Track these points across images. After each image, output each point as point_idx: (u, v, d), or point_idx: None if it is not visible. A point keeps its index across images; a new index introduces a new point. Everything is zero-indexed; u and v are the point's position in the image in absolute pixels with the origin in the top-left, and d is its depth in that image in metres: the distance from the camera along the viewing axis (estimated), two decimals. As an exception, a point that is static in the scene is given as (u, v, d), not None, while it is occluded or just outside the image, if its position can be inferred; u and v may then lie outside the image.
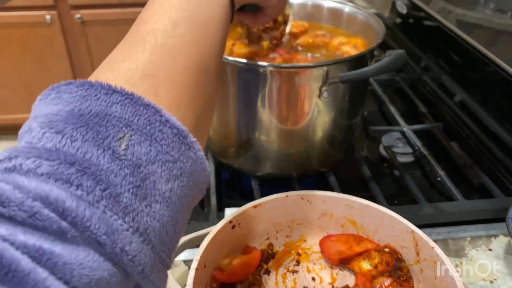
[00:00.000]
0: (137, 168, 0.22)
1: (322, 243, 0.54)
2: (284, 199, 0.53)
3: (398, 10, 1.15)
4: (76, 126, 0.22)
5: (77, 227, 0.20)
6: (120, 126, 0.23)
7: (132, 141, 0.23)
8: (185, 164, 0.25)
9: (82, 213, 0.20)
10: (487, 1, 0.73)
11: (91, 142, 0.22)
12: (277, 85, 0.56)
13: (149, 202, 0.23)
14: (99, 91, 0.23)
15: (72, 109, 0.23)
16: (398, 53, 0.51)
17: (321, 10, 0.75)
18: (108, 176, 0.21)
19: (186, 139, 0.25)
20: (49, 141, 0.22)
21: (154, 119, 0.24)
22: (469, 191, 0.67)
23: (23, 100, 2.07)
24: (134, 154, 0.23)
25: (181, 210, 0.25)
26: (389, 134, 0.78)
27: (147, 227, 0.22)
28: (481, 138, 0.78)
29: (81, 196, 0.20)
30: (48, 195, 0.19)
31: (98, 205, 0.21)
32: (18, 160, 0.20)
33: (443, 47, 0.98)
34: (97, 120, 0.22)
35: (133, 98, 0.24)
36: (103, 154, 0.22)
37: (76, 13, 1.85)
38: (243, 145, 0.64)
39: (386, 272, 0.49)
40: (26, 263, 0.18)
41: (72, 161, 0.21)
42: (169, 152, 0.24)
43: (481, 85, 0.86)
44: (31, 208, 0.19)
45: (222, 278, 0.48)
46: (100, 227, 0.20)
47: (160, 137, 0.24)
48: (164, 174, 0.23)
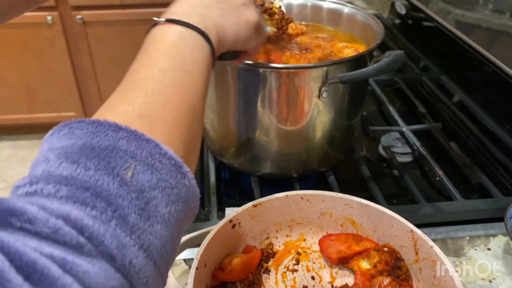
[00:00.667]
0: (142, 193, 0.26)
1: (322, 243, 0.54)
2: (284, 199, 0.53)
3: (397, 10, 1.16)
4: (89, 158, 0.25)
5: (93, 241, 0.23)
6: (126, 157, 0.26)
7: (137, 170, 0.26)
8: (181, 191, 0.28)
9: (97, 230, 0.23)
10: (486, 1, 0.73)
11: (102, 171, 0.25)
12: (277, 86, 0.56)
13: (152, 223, 0.26)
14: (107, 128, 0.27)
15: (85, 143, 0.26)
16: (397, 54, 0.51)
17: (320, 11, 0.75)
18: (118, 199, 0.25)
19: (182, 168, 0.29)
20: (66, 170, 0.25)
21: (154, 151, 0.27)
22: (468, 191, 0.68)
23: (24, 100, 2.08)
24: (139, 181, 0.26)
25: (177, 232, 0.29)
26: (388, 134, 0.78)
27: (150, 244, 0.26)
28: (480, 138, 0.78)
29: (96, 215, 0.24)
30: (68, 214, 0.23)
31: (110, 224, 0.24)
32: (39, 185, 0.24)
33: (442, 47, 0.98)
34: (107, 153, 0.26)
35: (136, 134, 0.27)
36: (113, 181, 0.25)
37: (77, 14, 1.86)
38: (243, 145, 0.64)
39: (385, 271, 0.49)
40: (56, 269, 0.20)
41: (87, 187, 0.24)
42: (168, 180, 0.28)
43: (480, 86, 0.86)
44: (54, 225, 0.22)
45: (223, 277, 0.48)
46: (112, 242, 0.23)
47: (160, 167, 0.27)
48: (163, 199, 0.27)
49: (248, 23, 0.44)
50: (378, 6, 1.34)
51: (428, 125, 0.82)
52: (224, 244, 0.50)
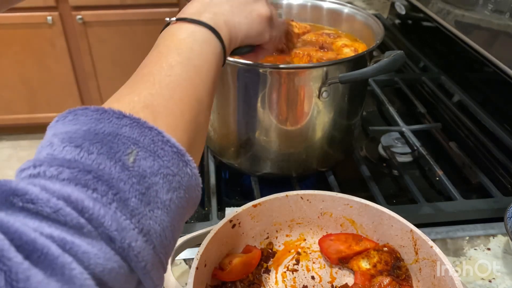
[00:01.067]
0: (143, 178, 0.26)
1: (322, 242, 0.54)
2: (284, 199, 0.53)
3: (397, 11, 1.16)
4: (92, 142, 0.26)
5: (93, 223, 0.23)
6: (129, 143, 0.27)
7: (138, 156, 0.27)
8: (183, 179, 0.29)
9: (98, 212, 0.23)
10: (486, 2, 0.73)
11: (105, 155, 0.26)
12: (277, 86, 0.56)
13: (152, 208, 0.26)
14: (111, 115, 0.28)
15: (89, 128, 0.27)
16: (397, 54, 0.51)
17: (320, 11, 0.75)
18: (119, 183, 0.25)
19: (184, 157, 0.29)
20: (69, 153, 0.25)
21: (157, 139, 0.28)
22: (467, 191, 0.68)
23: (24, 100, 2.08)
24: (140, 167, 0.26)
25: (178, 219, 0.29)
26: (388, 134, 0.78)
27: (150, 229, 0.26)
28: (479, 138, 0.78)
29: (97, 198, 0.24)
30: (69, 195, 0.23)
31: (110, 206, 0.24)
32: (42, 167, 0.24)
33: (442, 47, 0.98)
34: (110, 138, 0.26)
35: (139, 122, 0.28)
36: (114, 166, 0.25)
37: (77, 14, 1.86)
38: (243, 145, 0.64)
39: (385, 271, 0.49)
40: (55, 248, 0.21)
41: (89, 170, 0.25)
42: (170, 167, 0.28)
43: (479, 86, 0.87)
44: (55, 205, 0.22)
45: (223, 277, 0.48)
46: (112, 225, 0.24)
47: (162, 154, 0.28)
48: (165, 185, 0.27)
49: (259, 17, 0.44)
50: (378, 6, 1.34)
51: (428, 125, 0.82)
52: (224, 244, 0.50)
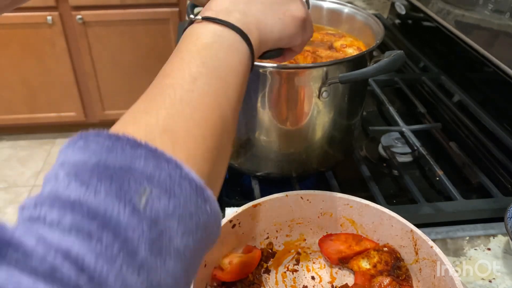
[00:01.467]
0: (154, 224, 0.23)
1: (322, 242, 0.54)
2: (284, 199, 0.53)
3: (397, 11, 1.16)
4: (100, 178, 0.23)
5: (95, 282, 0.21)
6: (142, 180, 0.24)
7: (152, 195, 0.24)
8: (200, 218, 0.26)
9: (100, 269, 0.21)
10: (486, 1, 0.73)
11: (113, 196, 0.23)
12: (277, 86, 0.56)
13: (164, 258, 0.24)
14: (125, 143, 0.25)
15: (99, 160, 0.24)
16: (397, 54, 0.51)
17: (320, 11, 0.75)
18: (127, 232, 0.22)
19: (203, 193, 0.26)
20: (74, 191, 0.23)
21: (174, 173, 0.25)
22: (467, 191, 0.68)
23: (24, 100, 2.08)
24: (153, 210, 0.24)
25: (193, 263, 0.26)
26: (388, 134, 0.78)
27: (160, 283, 0.23)
28: (479, 138, 0.78)
29: (100, 252, 0.21)
30: (69, 250, 0.21)
31: (116, 261, 0.22)
32: (44, 209, 0.22)
33: (442, 47, 0.98)
34: (121, 174, 0.24)
35: (156, 153, 0.25)
36: (124, 209, 0.23)
37: (77, 14, 1.86)
38: (243, 145, 0.64)
39: (385, 271, 0.49)
40: None
41: (94, 215, 0.22)
42: (187, 207, 0.25)
43: (479, 86, 0.87)
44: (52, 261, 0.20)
45: (223, 277, 0.48)
46: (116, 284, 0.21)
47: (179, 192, 0.25)
48: (179, 228, 0.24)
49: (294, 19, 0.40)
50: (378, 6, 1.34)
51: (428, 125, 0.82)
52: (224, 244, 0.50)
